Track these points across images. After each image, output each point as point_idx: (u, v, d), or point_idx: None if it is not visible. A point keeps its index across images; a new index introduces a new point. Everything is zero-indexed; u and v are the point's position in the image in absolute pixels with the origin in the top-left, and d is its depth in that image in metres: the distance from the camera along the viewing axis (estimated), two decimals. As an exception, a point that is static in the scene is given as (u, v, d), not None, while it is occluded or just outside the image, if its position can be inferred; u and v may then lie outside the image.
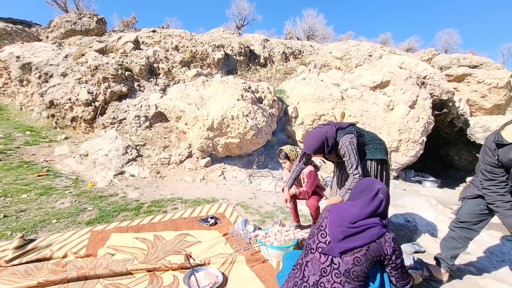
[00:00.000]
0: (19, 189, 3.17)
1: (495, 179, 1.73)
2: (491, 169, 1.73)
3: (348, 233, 1.37)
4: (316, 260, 1.37)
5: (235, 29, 22.86)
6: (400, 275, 1.42)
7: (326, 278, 1.31)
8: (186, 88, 4.92)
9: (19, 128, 5.08)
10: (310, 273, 1.36)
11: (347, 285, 1.27)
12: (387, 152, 2.34)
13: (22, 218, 2.61)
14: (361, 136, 2.22)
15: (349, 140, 2.08)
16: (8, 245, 2.12)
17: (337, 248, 1.34)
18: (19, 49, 6.29)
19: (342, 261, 1.31)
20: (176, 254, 2.15)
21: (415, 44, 25.38)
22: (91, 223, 2.63)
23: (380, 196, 1.51)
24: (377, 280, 1.39)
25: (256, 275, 1.94)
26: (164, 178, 4.10)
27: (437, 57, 11.25)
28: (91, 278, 1.76)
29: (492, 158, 1.71)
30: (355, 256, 1.32)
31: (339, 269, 1.30)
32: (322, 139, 2.08)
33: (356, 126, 2.30)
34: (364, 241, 1.34)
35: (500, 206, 1.71)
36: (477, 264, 2.65)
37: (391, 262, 1.38)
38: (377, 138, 2.33)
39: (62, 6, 15.88)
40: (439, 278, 2.19)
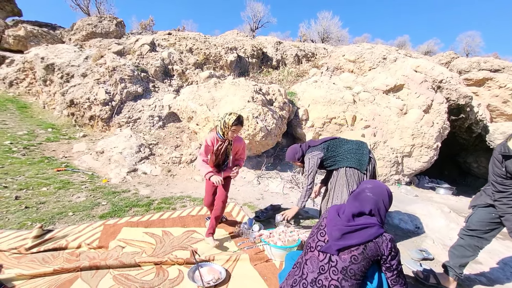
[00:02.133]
0: (39, 182, 3.36)
1: (505, 191, 1.69)
2: (501, 180, 1.70)
3: (345, 231, 1.39)
4: (315, 258, 1.40)
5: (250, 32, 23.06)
6: (395, 278, 1.39)
7: (324, 276, 1.33)
8: (198, 90, 5.04)
9: (41, 125, 5.37)
10: (309, 271, 1.39)
11: (344, 282, 1.29)
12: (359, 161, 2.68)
13: (42, 210, 2.78)
14: (333, 150, 2.73)
15: (309, 156, 2.70)
16: (28, 234, 2.27)
17: (334, 246, 1.36)
18: (43, 51, 6.65)
19: (340, 259, 1.33)
20: (183, 249, 2.23)
21: (434, 47, 24.61)
22: (104, 217, 2.76)
23: (368, 194, 1.52)
24: (375, 280, 1.39)
25: (259, 273, 1.97)
26: (174, 176, 4.22)
27: (456, 61, 10.90)
28: (102, 268, 1.86)
29: (500, 169, 1.67)
30: (352, 254, 1.33)
31: (336, 267, 1.32)
32: (294, 151, 2.81)
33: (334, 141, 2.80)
34: (361, 239, 1.35)
35: (510, 220, 1.67)
36: (489, 275, 2.57)
37: (386, 263, 1.37)
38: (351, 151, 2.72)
39: (85, 9, 16.60)
40: (446, 286, 2.14)
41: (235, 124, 2.35)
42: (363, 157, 2.72)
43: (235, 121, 2.35)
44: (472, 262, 2.76)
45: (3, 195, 2.94)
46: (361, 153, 2.73)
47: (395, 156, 5.14)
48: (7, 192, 3.03)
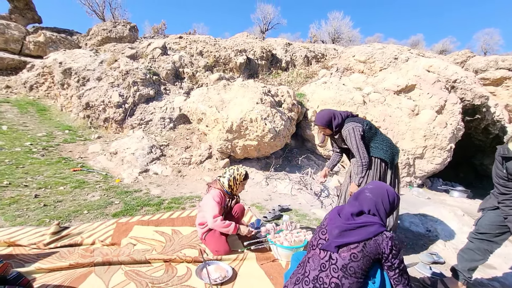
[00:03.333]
0: (57, 182, 3.52)
1: (508, 193, 1.67)
2: (504, 182, 1.67)
3: (344, 228, 1.41)
4: (317, 255, 1.43)
5: (260, 34, 23.15)
6: (397, 277, 1.38)
7: (325, 273, 1.35)
8: (207, 92, 5.13)
9: (59, 127, 5.60)
10: (311, 269, 1.42)
11: (344, 280, 1.30)
12: (392, 158, 2.40)
13: (59, 208, 2.91)
14: (372, 133, 2.33)
15: (353, 126, 2.25)
16: (46, 230, 2.39)
17: (334, 243, 1.38)
18: (61, 56, 6.94)
19: (340, 257, 1.35)
20: (191, 248, 2.29)
21: (450, 46, 23.88)
22: (117, 216, 2.86)
23: (367, 195, 1.53)
24: (377, 280, 1.39)
25: (265, 272, 2.01)
26: (184, 177, 4.31)
27: (472, 59, 10.58)
28: (114, 264, 1.94)
29: (502, 171, 1.65)
30: (351, 252, 1.34)
31: (336, 264, 1.34)
32: (330, 115, 2.35)
33: (370, 123, 2.41)
34: (360, 237, 1.36)
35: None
36: (503, 280, 2.50)
37: (388, 262, 1.36)
38: (388, 142, 2.40)
39: (100, 15, 17.16)
40: (455, 290, 2.10)
41: (245, 178, 2.41)
42: (398, 154, 2.51)
43: (245, 176, 2.41)
44: (485, 267, 2.71)
45: (23, 194, 3.11)
46: (397, 149, 2.50)
47: (406, 158, 5.05)
48: (27, 190, 3.19)
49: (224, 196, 2.39)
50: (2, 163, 3.76)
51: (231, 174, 2.41)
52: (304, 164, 5.17)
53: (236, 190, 2.44)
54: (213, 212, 2.19)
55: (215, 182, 2.46)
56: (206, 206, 2.28)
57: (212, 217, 2.17)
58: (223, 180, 2.42)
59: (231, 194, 2.45)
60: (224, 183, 2.40)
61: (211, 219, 2.17)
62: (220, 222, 2.17)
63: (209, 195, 2.33)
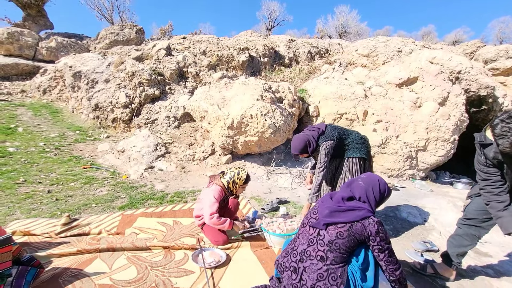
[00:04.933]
0: (68, 178, 3.74)
1: (489, 178, 1.71)
2: (485, 168, 1.72)
3: (334, 209, 1.53)
4: (306, 232, 1.55)
5: (265, 31, 23.15)
6: (387, 258, 1.47)
7: (312, 247, 1.47)
8: (209, 90, 5.27)
9: (70, 128, 5.89)
10: (300, 243, 1.55)
11: (329, 253, 1.42)
12: (368, 151, 2.71)
13: (70, 202, 3.12)
14: (343, 139, 2.63)
15: (325, 147, 2.52)
16: (58, 222, 2.58)
17: (323, 221, 1.50)
18: (71, 60, 7.24)
19: (327, 233, 1.46)
20: (190, 237, 2.43)
21: (463, 36, 23.18)
22: (123, 208, 3.04)
23: (359, 183, 1.64)
24: (361, 257, 1.49)
25: (258, 258, 2.12)
26: (188, 173, 4.47)
27: (481, 50, 10.27)
28: (117, 250, 2.10)
29: (481, 157, 1.70)
30: (338, 230, 1.45)
31: (323, 240, 1.46)
32: (305, 142, 2.53)
33: (339, 128, 2.70)
34: (347, 218, 1.47)
35: (494, 207, 1.68)
36: (498, 267, 2.52)
37: (376, 244, 1.45)
38: (359, 140, 2.69)
39: (109, 18, 17.61)
40: (445, 276, 2.16)
41: (245, 182, 2.49)
42: (369, 147, 2.79)
43: (246, 179, 2.48)
44: (481, 255, 2.74)
45: (37, 189, 3.33)
46: (367, 143, 2.78)
47: (408, 150, 5.04)
48: (41, 186, 3.42)
49: (224, 193, 2.46)
50: (18, 162, 4.03)
51: (231, 177, 2.46)
52: (305, 159, 5.23)
53: (235, 191, 2.52)
54: (210, 210, 2.26)
55: (217, 178, 2.52)
56: (204, 201, 2.36)
57: (209, 215, 2.25)
58: (223, 181, 2.47)
59: (231, 193, 2.54)
60: (224, 183, 2.46)
61: (208, 216, 2.25)
62: (216, 220, 2.24)
63: (210, 190, 2.38)
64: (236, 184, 2.45)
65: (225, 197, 2.49)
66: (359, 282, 1.46)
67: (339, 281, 1.40)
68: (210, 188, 2.41)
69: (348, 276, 1.44)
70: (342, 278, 1.41)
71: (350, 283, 1.43)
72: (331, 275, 1.41)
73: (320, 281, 1.41)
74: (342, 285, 1.39)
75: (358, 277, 1.47)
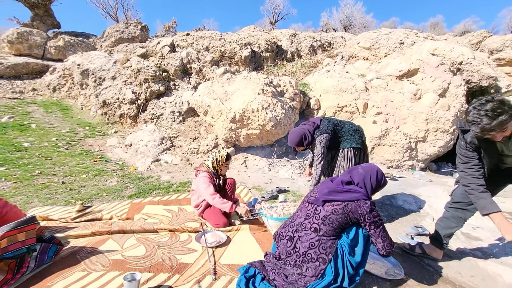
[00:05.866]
0: (80, 171, 3.97)
1: (469, 162, 1.82)
2: (465, 152, 1.83)
3: (333, 189, 1.70)
4: (304, 208, 1.74)
5: (269, 25, 23.05)
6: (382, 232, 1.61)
7: (308, 220, 1.66)
8: (212, 85, 5.42)
9: (80, 124, 6.13)
10: (298, 217, 1.74)
11: (322, 226, 1.59)
12: (362, 140, 2.84)
13: (82, 192, 3.34)
14: (337, 131, 2.77)
15: (320, 140, 2.66)
16: (72, 209, 2.80)
17: (321, 198, 1.68)
18: (79, 58, 7.47)
19: (323, 209, 1.64)
20: (194, 221, 2.61)
21: (472, 26, 22.67)
22: (131, 197, 3.25)
23: (359, 170, 1.79)
24: (351, 234, 1.64)
25: (256, 240, 2.29)
26: (192, 165, 4.66)
27: (487, 40, 10.14)
28: (127, 232, 2.30)
29: (462, 142, 1.81)
30: (334, 207, 1.63)
31: (319, 215, 1.64)
32: (301, 136, 2.68)
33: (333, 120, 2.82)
34: (344, 198, 1.64)
35: (474, 189, 1.79)
36: (486, 250, 2.63)
37: (370, 220, 1.60)
38: (353, 130, 2.81)
39: (114, 16, 17.84)
40: (432, 255, 2.29)
41: (227, 159, 2.67)
42: (363, 136, 2.92)
43: (227, 157, 2.66)
44: (471, 238, 2.85)
45: (52, 181, 3.57)
46: (361, 133, 2.92)
47: (408, 141, 5.12)
48: (55, 178, 3.65)
49: (212, 177, 2.67)
50: (33, 156, 4.27)
51: (213, 156, 2.69)
52: (305, 151, 5.36)
53: (220, 170, 2.71)
54: (210, 191, 2.46)
55: (201, 166, 2.74)
56: (199, 189, 2.56)
57: (210, 195, 2.44)
58: (207, 163, 2.71)
59: (218, 174, 2.73)
60: (209, 165, 2.69)
61: (210, 196, 2.44)
62: (219, 199, 2.42)
63: (199, 179, 2.58)
64: (219, 162, 2.64)
65: (214, 181, 2.66)
66: (346, 255, 1.62)
67: (328, 251, 1.56)
68: (198, 177, 2.61)
69: (337, 248, 1.61)
70: (331, 249, 1.57)
71: (338, 254, 1.59)
72: (321, 244, 1.58)
73: (311, 249, 1.58)
74: (330, 254, 1.55)
75: (346, 251, 1.62)
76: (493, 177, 1.98)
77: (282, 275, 1.62)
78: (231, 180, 2.90)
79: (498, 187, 2.09)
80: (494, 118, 1.47)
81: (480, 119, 1.50)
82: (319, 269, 1.53)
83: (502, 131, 1.52)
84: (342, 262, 1.57)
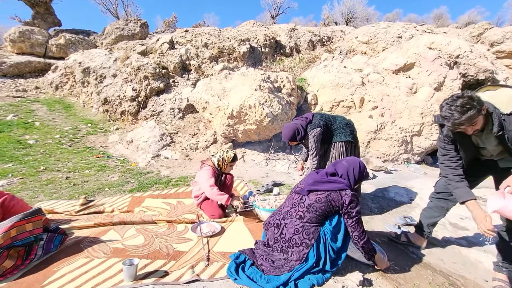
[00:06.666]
0: (83, 166, 4.12)
1: (447, 154, 1.92)
2: (444, 145, 1.93)
3: (317, 180, 1.82)
4: (291, 197, 1.88)
5: (270, 19, 22.91)
6: (354, 224, 1.73)
7: (294, 209, 1.79)
8: (210, 82, 5.52)
9: (83, 121, 6.28)
10: (285, 206, 1.88)
11: (306, 213, 1.73)
12: (354, 134, 2.94)
13: (85, 186, 3.49)
14: (329, 125, 2.84)
15: (313, 134, 2.75)
16: (76, 202, 2.95)
17: (307, 188, 1.81)
18: (80, 56, 7.59)
19: (308, 198, 1.77)
20: (191, 213, 2.75)
21: (477, 17, 22.33)
22: (132, 191, 3.39)
23: (343, 163, 1.91)
24: (334, 221, 1.77)
25: (248, 229, 2.42)
26: (191, 160, 4.79)
27: (488, 32, 10.07)
28: (128, 224, 2.44)
29: (441, 135, 1.91)
30: (317, 196, 1.75)
31: (304, 203, 1.76)
32: (294, 131, 2.78)
33: (325, 115, 2.92)
34: (327, 188, 1.76)
35: (451, 179, 1.89)
36: (471, 239, 2.74)
37: (347, 210, 1.72)
38: (344, 125, 2.91)
39: (114, 13, 17.85)
40: (417, 244, 2.41)
41: (233, 160, 2.79)
42: (354, 130, 3.03)
43: (233, 158, 2.79)
44: (458, 228, 2.96)
45: (57, 176, 3.72)
46: (353, 127, 3.01)
47: (403, 135, 5.19)
48: (59, 174, 3.81)
49: (215, 172, 2.79)
50: (38, 153, 4.43)
51: (220, 155, 2.83)
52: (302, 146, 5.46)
53: (224, 169, 2.85)
54: (209, 183, 2.60)
55: (208, 160, 2.87)
56: (201, 180, 2.70)
57: (209, 186, 2.58)
58: (213, 159, 2.84)
59: (221, 171, 2.86)
60: (214, 162, 2.82)
61: (208, 187, 2.57)
62: (216, 191, 2.56)
63: (202, 171, 2.75)
64: (225, 161, 2.78)
65: (216, 176, 2.78)
66: (328, 241, 1.74)
67: (311, 236, 1.69)
68: (202, 169, 2.75)
69: (320, 234, 1.73)
70: (314, 234, 1.70)
71: (320, 240, 1.71)
72: (305, 230, 1.71)
73: (295, 235, 1.71)
74: (313, 239, 1.68)
75: (328, 237, 1.75)
76: (473, 168, 2.07)
77: (269, 260, 1.75)
78: (229, 176, 3.02)
79: (479, 178, 2.19)
80: (463, 113, 1.56)
81: (451, 114, 1.60)
82: (302, 253, 1.66)
83: (472, 125, 1.61)
84: (324, 247, 1.69)
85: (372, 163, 4.70)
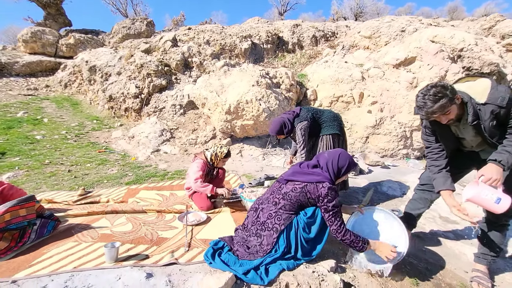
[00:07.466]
0: (85, 160, 4.30)
1: (430, 145, 1.93)
2: (426, 137, 1.94)
3: (297, 171, 1.88)
4: (273, 186, 1.95)
5: (278, 16, 22.79)
6: (331, 218, 1.73)
7: (272, 196, 1.87)
8: (209, 78, 5.61)
9: (88, 118, 6.51)
10: (267, 193, 1.96)
11: (282, 200, 1.80)
12: (341, 126, 2.97)
13: (86, 179, 3.65)
14: (316, 119, 2.87)
15: (300, 127, 2.78)
16: (75, 193, 3.11)
17: (285, 177, 1.88)
18: (87, 55, 7.84)
19: (285, 187, 1.83)
20: (181, 204, 2.85)
21: (494, 9, 21.45)
22: (129, 184, 3.52)
23: (324, 155, 1.94)
24: (308, 213, 1.81)
25: (233, 219, 2.50)
26: (190, 155, 4.90)
27: (499, 24, 9.72)
28: (119, 213, 2.56)
29: (423, 128, 1.92)
30: (294, 185, 1.81)
31: (281, 191, 1.83)
32: (281, 124, 2.82)
33: (312, 109, 2.95)
34: (304, 179, 1.81)
35: (431, 170, 1.90)
36: (459, 232, 2.72)
37: (324, 204, 1.75)
38: (331, 118, 2.95)
39: (123, 12, 18.20)
40: (401, 235, 2.41)
41: (226, 156, 2.86)
42: (342, 123, 3.06)
43: (226, 154, 2.85)
44: (447, 221, 2.94)
45: (60, 169, 3.91)
46: (340, 120, 3.05)
47: (402, 130, 5.13)
48: (62, 167, 3.99)
49: (206, 166, 2.87)
50: (44, 147, 4.65)
51: (214, 150, 2.89)
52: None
53: (217, 164, 2.92)
54: (195, 176, 2.70)
55: (201, 153, 2.96)
56: (190, 171, 2.80)
57: (193, 180, 2.68)
58: (206, 153, 2.91)
59: (213, 165, 2.94)
60: (207, 156, 2.89)
61: (193, 181, 2.68)
62: (200, 183, 2.66)
63: (194, 163, 2.85)
64: (217, 157, 2.84)
65: (208, 170, 2.86)
66: (300, 230, 1.79)
67: (282, 222, 1.75)
68: (194, 162, 2.82)
69: (292, 222, 1.78)
70: (285, 221, 1.76)
71: (292, 227, 1.77)
72: (277, 216, 1.78)
73: (269, 219, 1.78)
74: (283, 225, 1.74)
75: (301, 226, 1.80)
76: (456, 160, 2.07)
77: (244, 246, 1.82)
78: (221, 170, 3.10)
79: (463, 170, 2.18)
80: (435, 101, 1.57)
81: (424, 103, 1.61)
82: (272, 238, 1.73)
83: (445, 114, 1.62)
84: (295, 235, 1.75)
85: (369, 158, 4.68)
